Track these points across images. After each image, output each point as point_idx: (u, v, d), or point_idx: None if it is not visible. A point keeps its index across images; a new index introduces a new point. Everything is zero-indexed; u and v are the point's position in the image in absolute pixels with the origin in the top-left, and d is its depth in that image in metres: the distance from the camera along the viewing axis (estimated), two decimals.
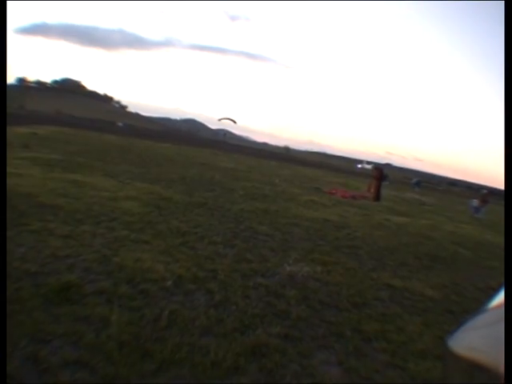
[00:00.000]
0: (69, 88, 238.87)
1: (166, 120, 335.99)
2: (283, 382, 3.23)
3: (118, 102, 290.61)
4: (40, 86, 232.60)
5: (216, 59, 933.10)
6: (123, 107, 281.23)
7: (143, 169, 16.18)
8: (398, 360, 3.85)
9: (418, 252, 9.05)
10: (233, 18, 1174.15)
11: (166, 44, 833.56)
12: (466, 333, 0.68)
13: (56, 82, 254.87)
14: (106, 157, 18.37)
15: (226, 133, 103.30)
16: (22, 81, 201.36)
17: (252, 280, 5.37)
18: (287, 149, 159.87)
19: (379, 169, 22.27)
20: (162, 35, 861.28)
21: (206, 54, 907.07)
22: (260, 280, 5.43)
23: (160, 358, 3.19)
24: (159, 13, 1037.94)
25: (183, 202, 10.16)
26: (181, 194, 11.32)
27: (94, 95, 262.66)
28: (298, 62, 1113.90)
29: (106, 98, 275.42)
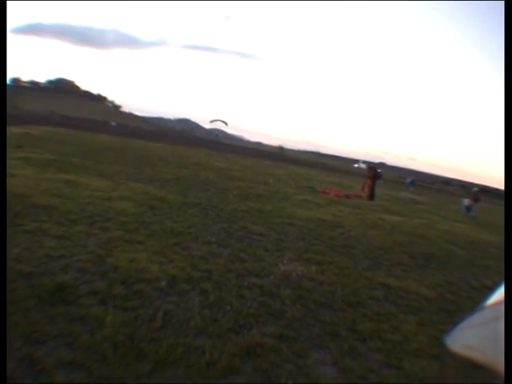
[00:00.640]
0: (62, 88, 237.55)
1: (160, 120, 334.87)
2: (278, 381, 3.24)
3: (112, 101, 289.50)
4: (34, 85, 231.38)
5: (209, 58, 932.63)
6: (117, 107, 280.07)
7: (137, 169, 16.14)
8: (393, 359, 3.87)
9: (412, 251, 9.08)
10: (226, 16, 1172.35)
11: (159, 44, 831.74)
12: (462, 331, 0.68)
13: (50, 81, 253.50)
14: (99, 157, 18.30)
15: (218, 133, 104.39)
16: (15, 81, 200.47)
17: (246, 280, 5.37)
18: (281, 148, 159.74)
19: (373, 168, 22.33)
20: (155, 35, 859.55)
21: (199, 53, 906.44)
22: (254, 280, 5.43)
23: (155, 358, 3.19)
24: (152, 12, 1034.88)
25: (177, 202, 10.15)
26: (175, 194, 11.30)
27: (87, 95, 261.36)
28: (292, 61, 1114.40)
29: (99, 98, 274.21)
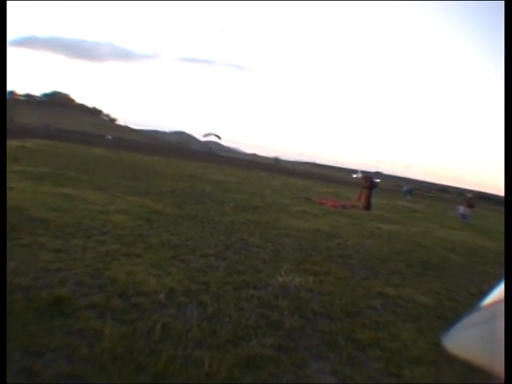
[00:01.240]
0: (58, 101, 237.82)
1: (156, 133, 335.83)
2: None
3: (107, 115, 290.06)
4: (29, 99, 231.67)
5: (204, 70, 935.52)
6: (112, 120, 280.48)
7: (133, 182, 16.14)
8: (393, 367, 3.86)
9: (409, 259, 9.10)
10: (220, 28, 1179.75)
11: (153, 56, 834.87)
12: (459, 331, 0.69)
13: (45, 95, 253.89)
14: (95, 170, 18.32)
15: (211, 146, 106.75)
16: (11, 94, 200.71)
17: (244, 292, 5.36)
18: (277, 160, 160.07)
19: (369, 178, 22.38)
20: (149, 48, 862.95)
21: (193, 66, 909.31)
22: (252, 291, 5.42)
23: (154, 370, 3.18)
24: (146, 25, 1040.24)
25: (174, 215, 10.15)
26: (171, 207, 11.30)
27: (83, 108, 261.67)
28: (286, 73, 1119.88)
29: (95, 111, 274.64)
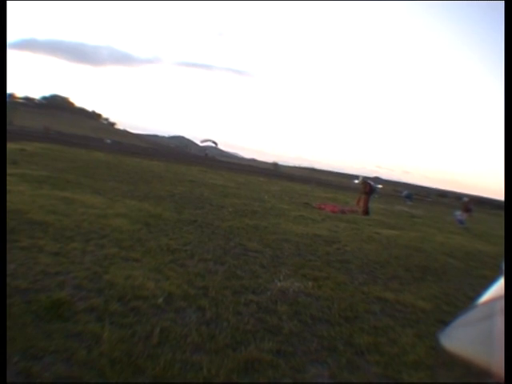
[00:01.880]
0: (57, 104, 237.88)
1: (155, 137, 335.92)
2: None
3: (107, 118, 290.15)
4: (28, 101, 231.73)
5: (203, 75, 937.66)
6: (112, 124, 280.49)
7: (132, 186, 16.13)
8: (392, 372, 3.87)
9: (408, 264, 9.10)
10: (220, 33, 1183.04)
11: (153, 61, 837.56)
12: (455, 329, 0.69)
13: (44, 98, 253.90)
14: (94, 174, 18.30)
15: (207, 152, 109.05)
16: (10, 97, 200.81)
17: (243, 296, 5.37)
18: (275, 165, 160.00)
19: (368, 183, 22.38)
20: (149, 52, 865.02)
21: (193, 70, 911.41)
22: (251, 296, 5.42)
23: (152, 374, 3.18)
24: (146, 29, 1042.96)
25: (173, 220, 10.14)
26: (170, 211, 11.29)
27: (82, 112, 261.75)
28: (286, 78, 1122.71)
29: (94, 115, 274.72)
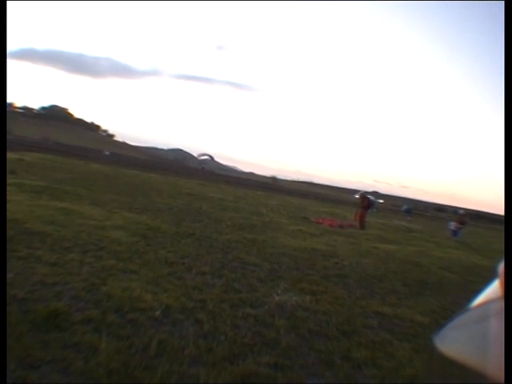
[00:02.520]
0: (56, 115, 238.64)
1: (153, 149, 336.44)
2: None
3: (106, 130, 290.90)
4: (27, 111, 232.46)
5: (202, 88, 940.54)
6: (110, 136, 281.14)
7: (130, 198, 16.14)
8: None
9: (406, 279, 9.10)
10: (219, 47, 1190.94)
11: (153, 73, 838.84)
12: (449, 331, 0.70)
13: (43, 108, 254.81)
14: (92, 185, 18.33)
15: (204, 166, 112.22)
16: (9, 106, 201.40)
17: (241, 310, 5.35)
18: (274, 178, 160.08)
19: (366, 197, 22.41)
20: (148, 64, 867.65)
21: (192, 84, 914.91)
22: (249, 310, 5.41)
23: None
24: (146, 41, 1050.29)
25: (171, 232, 10.14)
26: (168, 224, 11.29)
27: (81, 123, 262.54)
28: (284, 92, 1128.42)
29: (93, 126, 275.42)
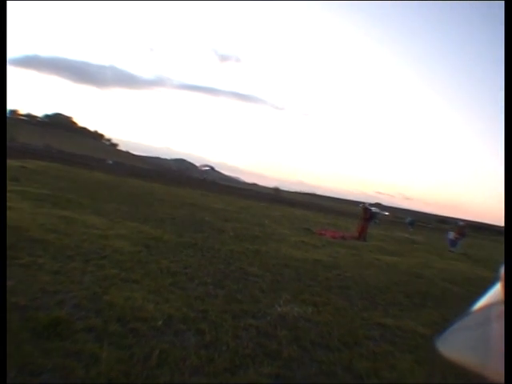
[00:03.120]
0: (59, 123, 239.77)
1: (157, 159, 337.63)
2: None
3: (109, 139, 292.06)
4: (31, 119, 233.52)
5: (206, 99, 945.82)
6: (114, 145, 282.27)
7: (133, 208, 16.16)
8: None
9: (408, 290, 9.05)
10: (223, 58, 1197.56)
11: (156, 83, 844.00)
12: (451, 335, 0.70)
13: (47, 116, 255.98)
14: (95, 194, 18.37)
15: (206, 177, 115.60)
16: (13, 113, 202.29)
17: (243, 321, 5.34)
18: (277, 190, 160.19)
19: (368, 209, 22.39)
20: (153, 73, 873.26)
21: (196, 94, 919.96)
22: (251, 321, 5.39)
23: None
24: (150, 51, 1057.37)
25: (173, 242, 10.13)
26: (171, 234, 11.28)
27: (84, 132, 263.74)
28: (288, 103, 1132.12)
29: (96, 135, 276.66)
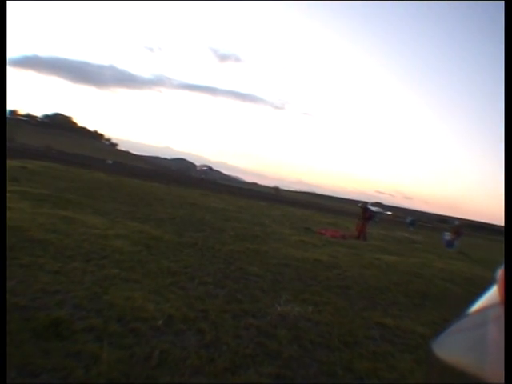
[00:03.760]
0: (59, 123, 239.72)
1: (157, 159, 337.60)
2: None
3: (109, 139, 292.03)
4: (30, 119, 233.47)
5: (206, 99, 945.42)
6: (114, 145, 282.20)
7: (133, 207, 16.15)
8: None
9: (408, 290, 9.05)
10: (222, 57, 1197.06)
11: (156, 83, 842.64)
12: (447, 337, 0.70)
13: (46, 116, 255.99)
14: (95, 194, 18.36)
15: (203, 177, 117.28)
16: (12, 113, 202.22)
17: (243, 320, 5.34)
18: (277, 189, 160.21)
19: (367, 208, 22.39)
20: (152, 73, 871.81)
21: (195, 94, 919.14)
22: (251, 320, 5.39)
23: None
24: (150, 50, 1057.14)
25: (173, 242, 10.12)
26: (171, 234, 11.27)
27: (84, 132, 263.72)
28: (288, 103, 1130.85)
29: (96, 135, 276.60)
